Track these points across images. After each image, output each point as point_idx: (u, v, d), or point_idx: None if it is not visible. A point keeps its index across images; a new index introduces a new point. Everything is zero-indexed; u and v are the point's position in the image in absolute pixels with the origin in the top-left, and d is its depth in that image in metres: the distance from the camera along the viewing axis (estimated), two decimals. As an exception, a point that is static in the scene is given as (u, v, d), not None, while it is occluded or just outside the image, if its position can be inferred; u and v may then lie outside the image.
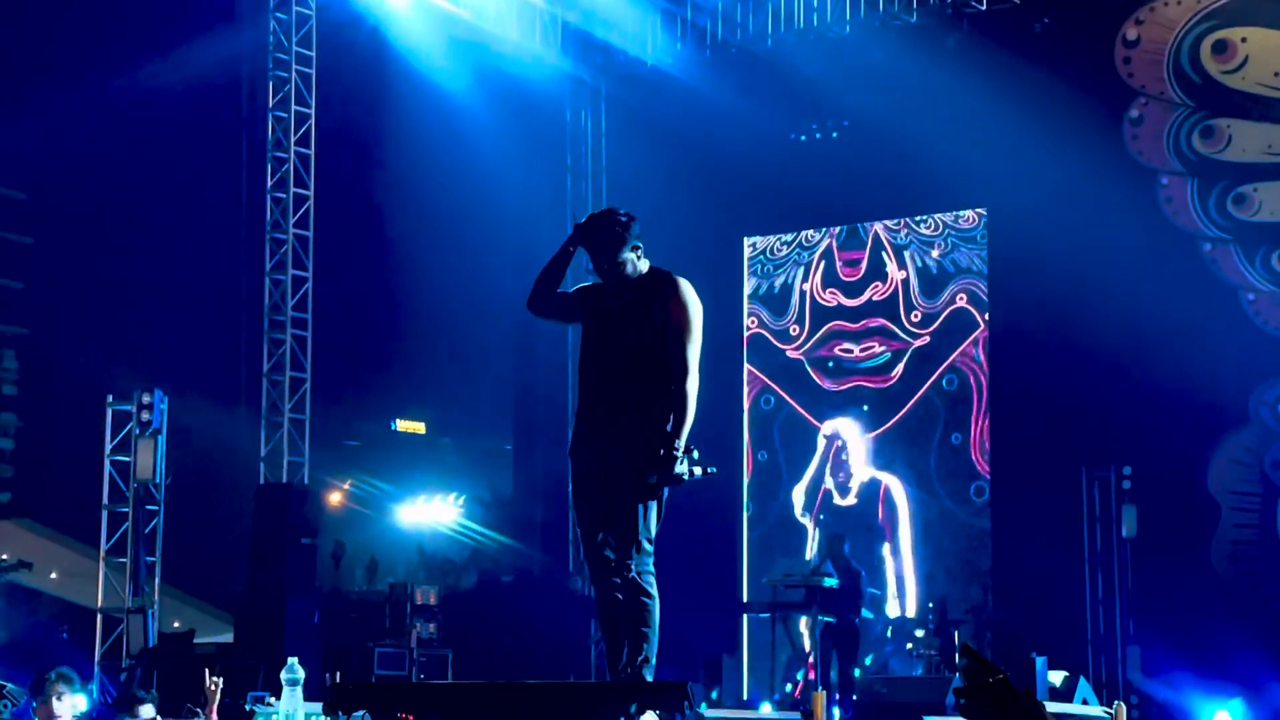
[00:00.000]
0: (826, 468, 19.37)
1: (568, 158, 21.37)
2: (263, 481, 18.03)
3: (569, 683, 10.49)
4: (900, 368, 19.08)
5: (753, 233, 20.12)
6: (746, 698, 17.59)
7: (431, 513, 23.22)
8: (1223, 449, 17.25)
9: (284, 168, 18.60)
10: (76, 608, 19.49)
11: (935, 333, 18.94)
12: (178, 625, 18.65)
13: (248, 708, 11.92)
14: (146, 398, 16.27)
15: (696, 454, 6.80)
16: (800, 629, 16.88)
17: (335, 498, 22.52)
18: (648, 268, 7.03)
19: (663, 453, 6.72)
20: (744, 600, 18.87)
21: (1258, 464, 17.18)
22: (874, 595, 17.42)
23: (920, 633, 16.80)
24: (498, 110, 20.12)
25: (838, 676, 15.34)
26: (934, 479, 18.77)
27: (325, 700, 7.02)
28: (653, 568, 6.88)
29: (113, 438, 16.62)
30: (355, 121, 21.08)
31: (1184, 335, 16.68)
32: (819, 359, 19.57)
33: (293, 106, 18.61)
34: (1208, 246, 17.55)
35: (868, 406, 19.23)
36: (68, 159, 20.57)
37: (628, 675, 6.76)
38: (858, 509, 19.13)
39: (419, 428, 24.97)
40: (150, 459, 16.29)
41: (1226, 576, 17.09)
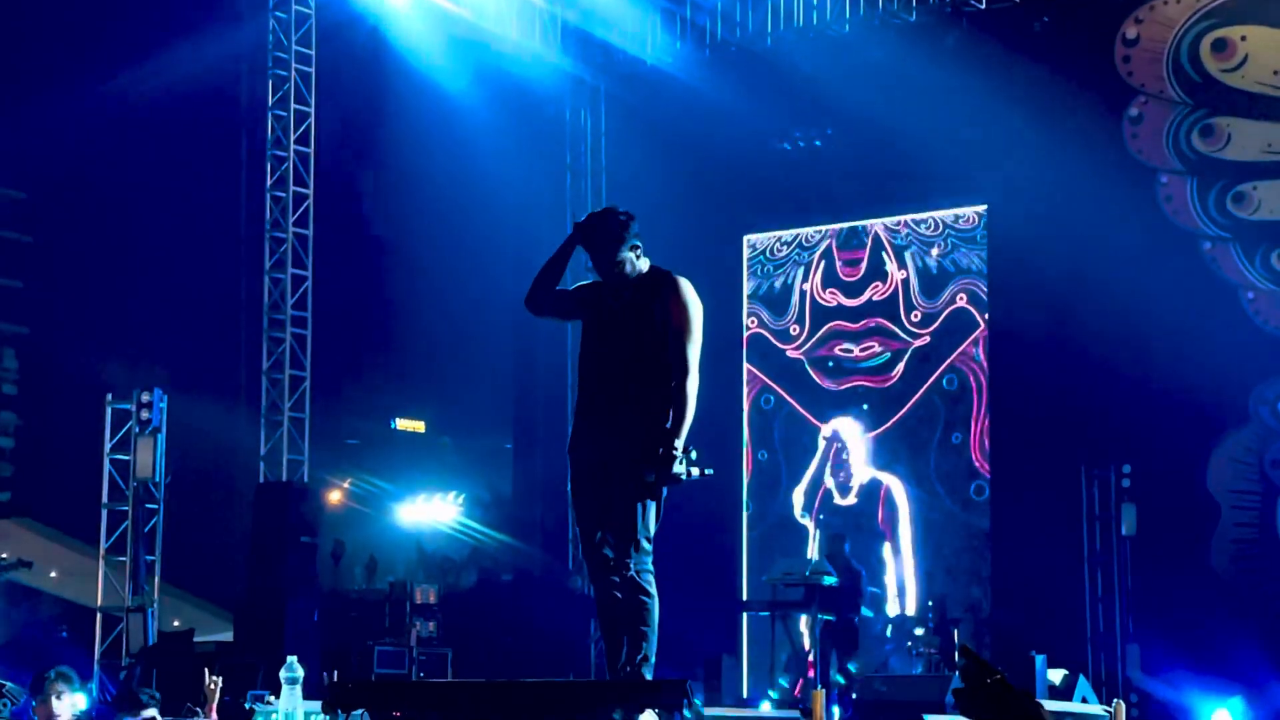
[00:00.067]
0: (826, 467, 19.37)
1: (567, 157, 21.36)
2: (262, 480, 18.03)
3: (568, 681, 10.48)
4: (900, 367, 19.08)
5: (752, 231, 20.11)
6: (746, 696, 17.58)
7: (431, 511, 23.19)
8: (1222, 448, 17.24)
9: (283, 166, 18.60)
10: (76, 606, 19.47)
11: (935, 333, 18.93)
12: (177, 624, 18.65)
13: (247, 706, 11.93)
14: (146, 396, 16.28)
15: (695, 454, 6.80)
16: (800, 628, 16.88)
17: (335, 496, 22.50)
18: (648, 267, 7.01)
19: (661, 452, 6.72)
20: (744, 599, 18.88)
21: (1257, 463, 17.18)
22: (874, 594, 17.43)
23: (920, 631, 16.80)
24: (497, 109, 20.12)
25: (837, 674, 15.35)
26: (934, 479, 18.76)
27: (324, 699, 7.02)
28: (651, 566, 6.88)
29: (112, 436, 16.62)
30: (355, 120, 21.08)
31: (1183, 334, 16.69)
32: (819, 359, 19.56)
33: (292, 105, 18.61)
34: (1207, 245, 17.54)
35: (868, 406, 19.23)
36: (67, 158, 20.54)
37: (627, 674, 6.76)
38: (858, 508, 19.13)
39: (419, 426, 24.91)
40: (150, 458, 16.29)
41: (1226, 575, 17.08)
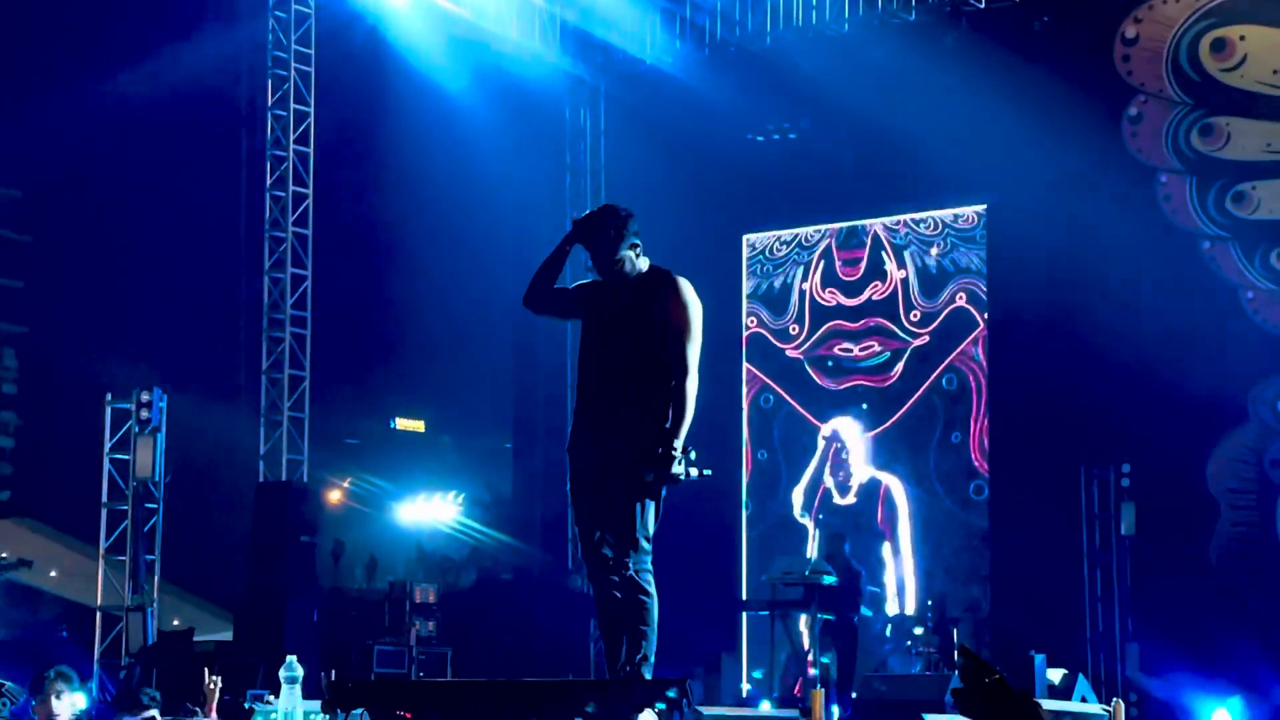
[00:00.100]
0: (826, 467, 19.37)
1: (567, 156, 21.37)
2: (262, 480, 18.03)
3: (568, 680, 10.48)
4: (900, 367, 19.08)
5: (752, 231, 20.11)
6: (746, 696, 17.59)
7: (431, 511, 23.18)
8: (1222, 447, 17.25)
9: (283, 166, 18.60)
10: (76, 606, 19.46)
11: (935, 332, 18.94)
12: (177, 623, 18.65)
13: (247, 706, 11.93)
14: (146, 396, 16.28)
15: (694, 455, 6.80)
16: (800, 627, 16.88)
17: (334, 496, 22.50)
18: (647, 266, 7.00)
19: (661, 452, 6.72)
20: (743, 599, 18.88)
21: (1257, 462, 17.18)
22: (874, 593, 17.43)
23: (919, 630, 16.81)
24: (497, 109, 20.13)
25: (837, 674, 15.35)
26: (933, 478, 18.77)
27: (324, 698, 7.02)
28: (651, 566, 6.88)
29: (112, 436, 16.62)
30: (354, 120, 21.05)
31: (1183, 333, 16.70)
32: (818, 358, 19.56)
33: (291, 105, 18.60)
34: (1207, 245, 17.54)
35: (867, 406, 19.24)
36: (66, 157, 20.53)
37: (626, 673, 6.76)
38: (857, 508, 19.13)
39: (418, 426, 24.89)
40: (149, 457, 16.30)
41: (1225, 574, 17.08)
